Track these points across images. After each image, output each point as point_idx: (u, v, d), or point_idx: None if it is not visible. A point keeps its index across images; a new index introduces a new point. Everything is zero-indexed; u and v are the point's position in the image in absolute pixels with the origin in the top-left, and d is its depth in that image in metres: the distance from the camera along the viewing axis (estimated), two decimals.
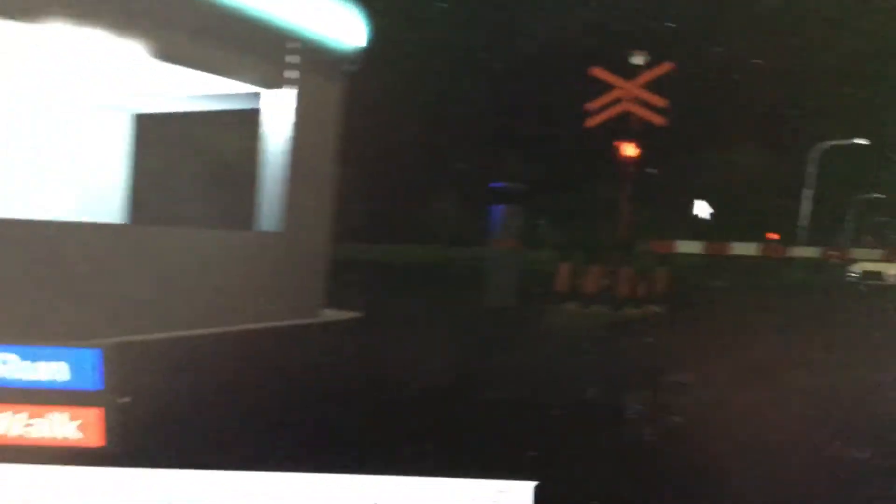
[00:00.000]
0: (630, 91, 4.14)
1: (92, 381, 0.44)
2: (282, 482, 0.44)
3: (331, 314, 3.48)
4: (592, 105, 4.26)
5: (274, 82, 3.96)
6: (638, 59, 4.39)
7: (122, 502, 0.44)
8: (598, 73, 4.21)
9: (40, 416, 0.43)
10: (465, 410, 1.54)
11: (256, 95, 4.06)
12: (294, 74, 3.93)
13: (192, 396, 1.10)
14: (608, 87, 4.42)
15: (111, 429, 0.43)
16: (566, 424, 1.37)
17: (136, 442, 0.44)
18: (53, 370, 0.43)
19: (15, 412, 0.43)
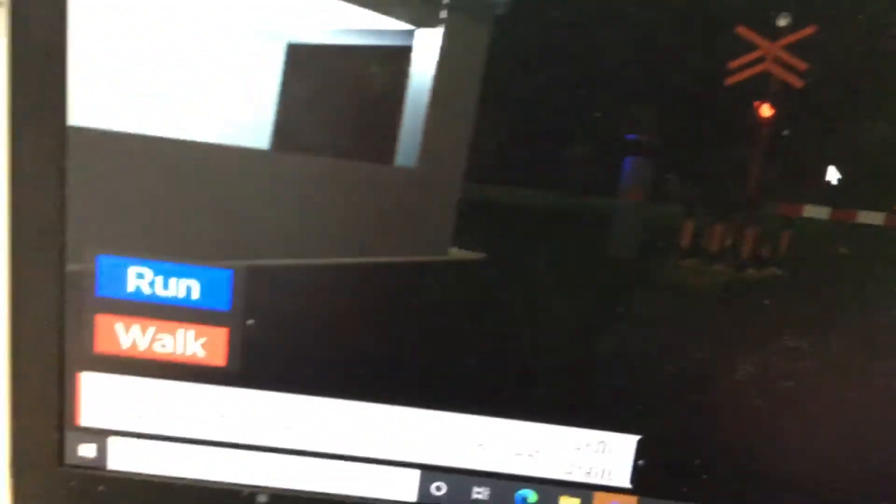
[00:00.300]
0: (772, 51, 3.97)
1: (220, 300, 0.43)
2: (389, 415, 0.44)
3: (456, 253, 3.43)
4: (734, 63, 4.10)
5: (429, 21, 3.91)
6: (782, 21, 4.21)
7: (237, 422, 0.44)
8: (743, 31, 4.06)
9: (168, 331, 0.43)
10: (577, 359, 1.51)
11: (410, 33, 4.01)
12: (446, 14, 3.87)
13: (316, 324, 1.07)
14: (751, 47, 4.25)
15: (233, 349, 0.43)
16: (674, 382, 1.33)
17: (256, 364, 0.43)
18: (184, 287, 0.42)
19: (143, 326, 0.42)
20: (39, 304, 0.38)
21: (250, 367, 0.39)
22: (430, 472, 0.41)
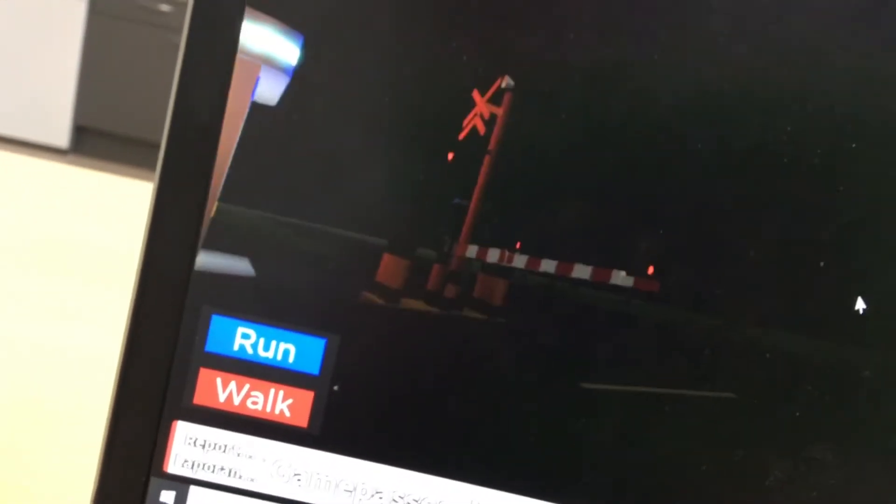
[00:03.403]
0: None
1: (311, 365, 0.46)
2: (438, 486, 0.45)
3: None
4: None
5: None
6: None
7: (312, 482, 0.47)
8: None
9: (261, 390, 0.46)
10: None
11: None
12: None
13: (395, 397, 1.05)
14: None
15: (315, 412, 0.46)
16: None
17: (335, 428, 0.46)
18: (282, 350, 0.46)
19: (240, 383, 0.45)
20: (152, 353, 0.42)
21: (329, 431, 0.43)
22: None
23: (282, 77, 0.40)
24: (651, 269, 0.42)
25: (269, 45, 0.40)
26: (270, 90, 0.40)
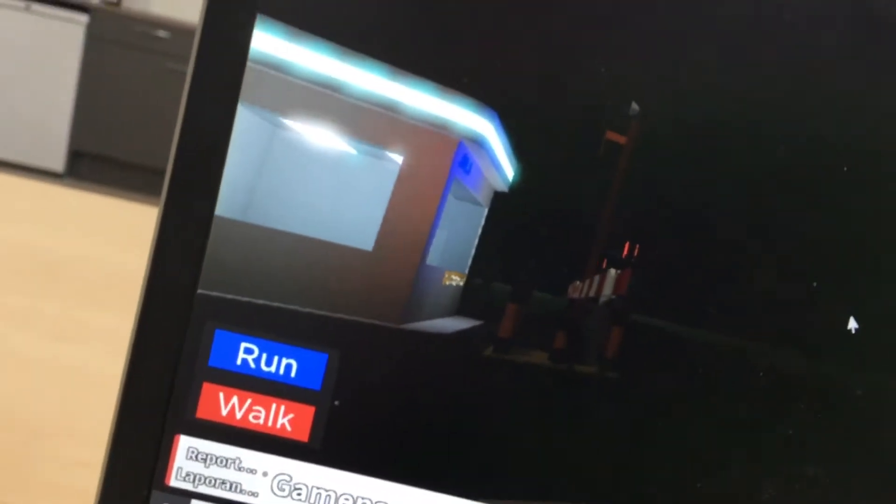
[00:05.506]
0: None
1: (313, 380, 0.47)
2: (438, 503, 0.46)
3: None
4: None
5: None
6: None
7: (312, 496, 0.47)
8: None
9: (263, 404, 0.46)
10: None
11: None
12: None
13: (395, 413, 1.02)
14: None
15: (316, 427, 0.46)
16: None
17: (336, 443, 0.46)
18: (284, 365, 0.46)
19: (242, 398, 0.46)
20: (155, 366, 0.43)
21: (330, 445, 0.44)
22: None
23: None
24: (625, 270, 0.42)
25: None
26: None
